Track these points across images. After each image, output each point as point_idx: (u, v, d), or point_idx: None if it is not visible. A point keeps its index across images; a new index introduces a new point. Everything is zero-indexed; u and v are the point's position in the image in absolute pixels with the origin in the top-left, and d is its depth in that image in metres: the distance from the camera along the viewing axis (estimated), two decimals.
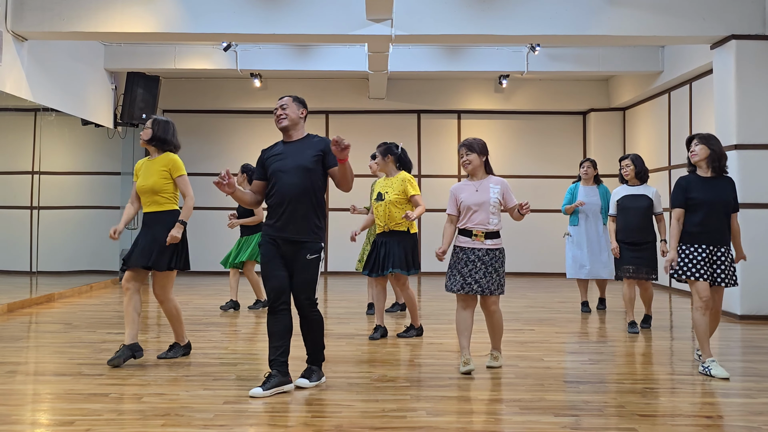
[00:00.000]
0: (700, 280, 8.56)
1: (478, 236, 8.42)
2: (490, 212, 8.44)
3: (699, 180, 8.76)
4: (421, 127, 21.69)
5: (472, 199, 8.45)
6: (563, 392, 7.57)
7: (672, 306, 14.82)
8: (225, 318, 12.61)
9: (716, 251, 8.64)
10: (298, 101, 7.86)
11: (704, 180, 8.75)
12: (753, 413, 6.80)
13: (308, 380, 7.79)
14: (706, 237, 8.61)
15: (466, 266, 8.43)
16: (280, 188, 7.53)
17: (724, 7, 13.23)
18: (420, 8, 13.50)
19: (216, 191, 20.41)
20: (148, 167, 9.10)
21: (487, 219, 8.43)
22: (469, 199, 8.46)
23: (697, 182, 8.74)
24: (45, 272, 15.26)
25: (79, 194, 17.20)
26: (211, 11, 13.48)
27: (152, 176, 9.00)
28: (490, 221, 8.44)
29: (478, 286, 8.39)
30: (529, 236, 20.68)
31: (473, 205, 8.44)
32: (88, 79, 17.03)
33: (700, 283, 8.58)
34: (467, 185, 8.62)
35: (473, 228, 8.44)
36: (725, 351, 10.16)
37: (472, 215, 8.45)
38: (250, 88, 20.67)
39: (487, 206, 8.42)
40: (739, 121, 13.10)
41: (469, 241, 8.45)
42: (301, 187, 7.51)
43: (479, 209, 8.44)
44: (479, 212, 8.43)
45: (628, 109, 20.73)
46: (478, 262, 8.41)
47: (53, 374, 8.27)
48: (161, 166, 9.03)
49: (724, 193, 8.68)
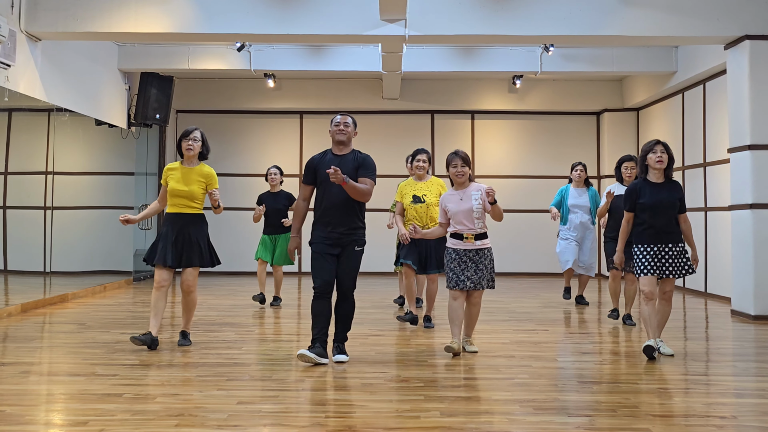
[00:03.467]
0: (648, 275, 9.35)
1: (468, 238, 9.40)
2: (475, 217, 9.41)
3: (648, 185, 9.51)
4: (434, 128, 21.69)
5: (458, 208, 9.45)
6: (577, 392, 7.57)
7: (686, 306, 14.81)
8: (239, 318, 12.62)
9: (664, 248, 9.38)
10: (355, 123, 9.29)
11: (653, 185, 9.50)
12: (767, 413, 6.77)
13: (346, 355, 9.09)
14: (654, 237, 9.41)
15: (459, 265, 9.42)
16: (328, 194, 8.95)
17: (738, 7, 13.20)
18: (434, 8, 13.49)
19: (229, 192, 20.49)
20: (186, 174, 9.89)
21: (473, 223, 9.41)
22: (455, 208, 9.46)
23: (646, 188, 9.50)
24: (59, 272, 15.27)
25: (92, 194, 17.23)
26: (225, 11, 13.48)
27: (192, 183, 9.86)
28: (476, 225, 9.41)
29: (470, 282, 9.39)
30: (543, 236, 20.66)
31: (459, 213, 9.42)
32: (102, 80, 17.06)
33: (644, 278, 9.38)
34: (453, 195, 9.59)
35: (463, 232, 9.41)
36: (739, 351, 10.14)
37: (460, 221, 9.42)
38: (263, 88, 20.67)
39: (470, 213, 9.40)
40: (753, 122, 13.05)
41: (461, 243, 9.43)
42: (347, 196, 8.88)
43: (465, 216, 9.40)
44: (466, 218, 9.40)
45: (642, 109, 20.69)
46: (469, 261, 9.41)
47: (67, 374, 8.29)
48: (200, 177, 9.93)
49: (670, 196, 9.40)
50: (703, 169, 16.67)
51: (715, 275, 16.17)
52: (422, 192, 11.79)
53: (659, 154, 9.34)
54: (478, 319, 9.88)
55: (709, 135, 16.49)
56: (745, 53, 13.22)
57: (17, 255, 14.12)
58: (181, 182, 9.79)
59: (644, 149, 9.53)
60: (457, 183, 9.56)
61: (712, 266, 16.28)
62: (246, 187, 20.03)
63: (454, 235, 9.49)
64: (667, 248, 9.30)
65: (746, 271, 13.04)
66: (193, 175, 9.86)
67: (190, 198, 9.80)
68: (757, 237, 12.86)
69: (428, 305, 11.95)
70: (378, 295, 16.06)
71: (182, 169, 9.89)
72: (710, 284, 16.41)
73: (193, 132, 9.97)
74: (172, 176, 9.86)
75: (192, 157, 9.91)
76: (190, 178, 9.83)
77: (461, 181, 9.51)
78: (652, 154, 9.39)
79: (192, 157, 9.92)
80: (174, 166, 10.00)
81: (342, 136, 9.06)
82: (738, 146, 13.34)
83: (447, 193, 9.71)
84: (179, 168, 9.91)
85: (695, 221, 16.59)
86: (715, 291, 16.10)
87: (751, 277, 12.89)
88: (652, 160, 9.38)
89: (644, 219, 9.37)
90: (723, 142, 15.24)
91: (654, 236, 9.29)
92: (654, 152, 9.38)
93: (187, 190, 9.77)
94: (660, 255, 9.29)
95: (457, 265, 9.38)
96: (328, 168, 8.65)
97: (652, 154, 9.40)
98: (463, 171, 9.46)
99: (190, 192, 9.78)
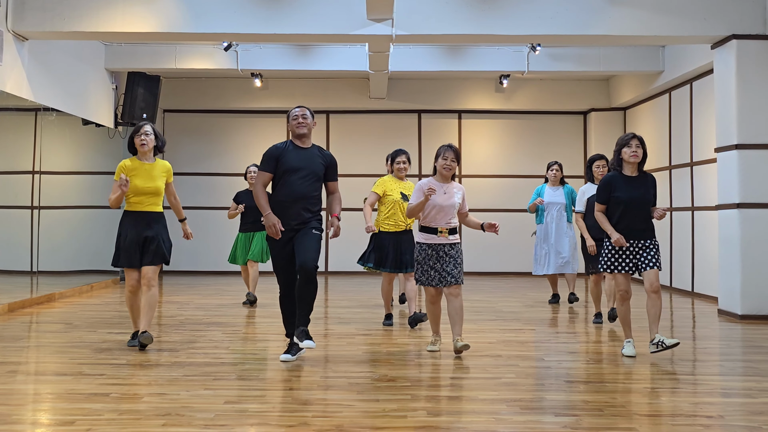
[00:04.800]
0: (622, 272, 9.35)
1: (443, 233, 9.31)
2: (453, 213, 9.41)
3: (623, 179, 9.40)
4: (421, 127, 21.68)
5: (440, 201, 9.30)
6: (564, 392, 7.59)
7: (673, 306, 14.84)
8: (226, 318, 12.60)
9: (637, 243, 9.32)
10: (312, 115, 9.32)
11: (628, 179, 9.38)
12: (754, 413, 6.79)
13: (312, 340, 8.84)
14: (627, 234, 9.30)
15: (438, 261, 9.33)
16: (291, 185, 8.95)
17: (724, 6, 13.21)
18: (421, 8, 13.49)
19: (216, 192, 20.52)
20: (148, 171, 9.72)
21: (450, 218, 9.38)
22: (437, 201, 9.28)
23: (621, 181, 9.37)
24: (45, 272, 15.26)
25: (79, 194, 17.21)
26: (212, 11, 13.46)
27: (156, 180, 9.72)
28: (452, 220, 9.40)
29: (451, 278, 9.29)
30: (530, 236, 20.68)
31: (440, 206, 9.31)
32: (89, 79, 17.02)
33: (619, 276, 9.39)
34: (436, 186, 9.36)
35: (438, 226, 9.33)
36: (726, 351, 10.19)
37: (437, 214, 9.33)
38: (250, 87, 20.63)
39: (451, 209, 9.38)
40: (739, 121, 13.07)
41: (435, 237, 9.33)
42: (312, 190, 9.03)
43: (444, 210, 9.33)
44: (444, 213, 9.33)
45: (629, 108, 20.73)
46: (446, 256, 9.32)
47: (54, 374, 8.28)
48: (162, 171, 9.82)
49: (646, 192, 9.35)
50: (690, 168, 16.69)
51: (702, 275, 16.20)
52: (407, 191, 11.71)
53: (634, 149, 9.26)
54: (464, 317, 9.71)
55: (696, 134, 16.52)
56: (732, 53, 13.24)
57: (4, 254, 14.12)
58: (145, 179, 9.64)
59: (619, 142, 9.45)
60: (443, 176, 9.43)
61: (699, 266, 16.31)
62: (233, 187, 19.88)
63: (425, 229, 9.40)
64: (640, 244, 9.26)
65: (733, 270, 13.06)
66: (155, 171, 9.77)
67: (156, 194, 9.71)
68: (743, 236, 12.88)
69: (411, 305, 11.74)
70: (365, 295, 16.05)
71: (142, 165, 9.72)
72: (697, 284, 16.45)
73: (144, 127, 9.81)
74: (134, 175, 9.59)
75: (148, 152, 9.76)
76: (153, 174, 9.73)
77: (447, 174, 9.41)
78: (627, 148, 9.31)
79: (147, 153, 9.77)
80: (131, 164, 9.71)
81: (303, 128, 9.14)
82: (725, 146, 13.36)
83: (429, 181, 9.39)
84: (139, 165, 9.72)
85: (682, 221, 16.66)
86: (701, 290, 16.13)
87: (738, 277, 12.91)
88: (626, 154, 9.30)
89: (616, 215, 9.28)
90: (710, 142, 15.26)
91: (626, 235, 9.21)
92: (629, 146, 9.29)
93: (153, 187, 9.66)
94: (634, 252, 9.26)
95: (436, 261, 9.30)
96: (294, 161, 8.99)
97: (626, 148, 9.32)
98: (452, 166, 9.34)
99: (156, 188, 9.70)
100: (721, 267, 13.53)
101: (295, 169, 8.94)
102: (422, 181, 9.42)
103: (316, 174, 9.04)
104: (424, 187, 9.19)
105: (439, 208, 9.27)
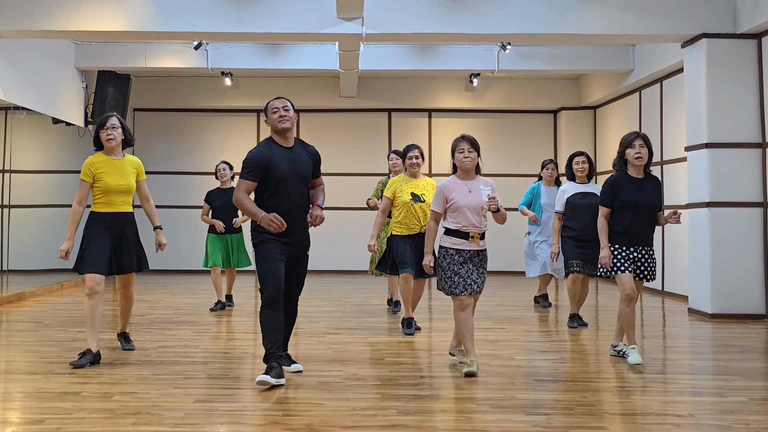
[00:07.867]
0: (626, 272, 8.86)
1: (474, 238, 8.25)
2: (483, 214, 8.31)
3: (629, 180, 8.96)
4: (391, 126, 21.66)
5: (466, 201, 8.25)
6: (534, 391, 7.60)
7: (643, 305, 14.88)
8: (196, 317, 12.56)
9: (638, 250, 8.95)
10: (293, 105, 8.17)
11: (634, 181, 8.96)
12: (724, 411, 6.84)
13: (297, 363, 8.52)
14: (630, 240, 8.93)
15: (463, 267, 8.25)
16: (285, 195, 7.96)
17: (694, 5, 13.25)
18: (391, 7, 13.48)
19: (186, 190, 20.47)
20: (118, 167, 8.94)
21: (480, 220, 8.29)
22: (463, 201, 8.24)
23: (627, 183, 8.95)
24: (15, 271, 15.19)
25: (50, 193, 17.14)
26: (182, 10, 13.40)
27: (127, 177, 8.99)
28: (482, 223, 8.32)
29: (477, 287, 8.30)
30: (499, 234, 20.56)
31: (466, 207, 8.24)
32: (59, 78, 16.94)
33: (624, 276, 8.87)
34: (459, 184, 8.37)
35: (468, 230, 8.24)
36: (696, 350, 10.24)
37: (466, 217, 8.24)
38: (221, 86, 20.55)
39: (479, 209, 8.25)
40: (710, 120, 13.11)
41: (465, 242, 8.24)
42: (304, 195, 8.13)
43: (472, 212, 8.26)
44: (473, 214, 8.25)
45: (599, 107, 20.77)
46: (470, 263, 8.28)
47: (24, 373, 8.26)
48: (132, 167, 9.09)
49: (652, 195, 8.96)
50: (660, 167, 16.74)
51: (672, 274, 16.25)
52: (420, 190, 10.85)
53: (638, 149, 8.84)
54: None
55: (666, 133, 16.59)
56: (702, 52, 13.29)
57: None
58: (117, 177, 8.87)
59: (623, 143, 9.03)
60: (463, 170, 8.38)
61: (669, 264, 16.36)
62: (203, 186, 19.76)
63: (454, 233, 8.28)
64: (642, 251, 8.92)
65: (703, 269, 13.11)
66: (126, 167, 8.97)
67: (128, 193, 8.97)
68: (713, 235, 12.92)
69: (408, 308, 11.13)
70: (334, 293, 16.07)
71: (111, 161, 8.91)
72: (667, 282, 16.50)
73: (110, 119, 8.92)
74: (104, 172, 8.82)
75: (115, 147, 8.91)
76: (124, 170, 8.94)
77: (469, 167, 8.35)
78: (631, 149, 8.90)
79: (115, 148, 8.91)
80: (99, 160, 8.91)
81: (286, 122, 7.96)
82: (695, 144, 13.41)
83: (449, 181, 8.41)
84: (107, 161, 8.89)
85: None
86: (672, 289, 16.19)
87: (708, 276, 12.95)
88: (630, 156, 8.88)
89: (620, 219, 8.88)
90: (680, 141, 15.33)
91: (628, 240, 8.89)
92: (632, 147, 8.88)
93: (126, 185, 8.89)
94: (635, 257, 8.91)
95: (461, 266, 8.23)
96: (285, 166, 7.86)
97: (630, 149, 8.90)
98: (471, 156, 8.32)
99: (129, 186, 8.95)
100: (691, 266, 13.58)
101: (287, 175, 7.89)
102: (444, 181, 8.45)
103: (305, 177, 8.07)
104: (444, 191, 8.32)
105: (466, 210, 8.24)
